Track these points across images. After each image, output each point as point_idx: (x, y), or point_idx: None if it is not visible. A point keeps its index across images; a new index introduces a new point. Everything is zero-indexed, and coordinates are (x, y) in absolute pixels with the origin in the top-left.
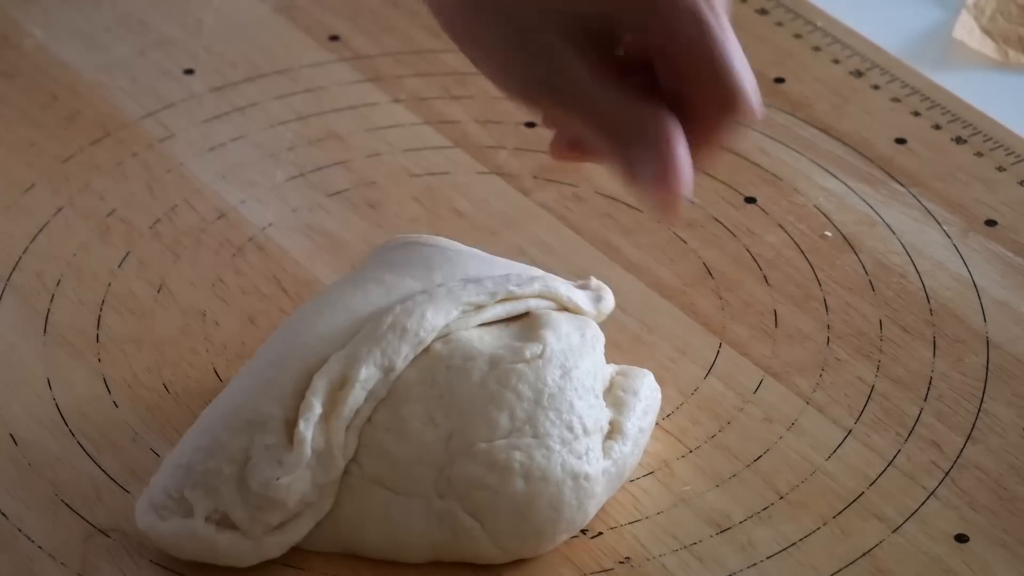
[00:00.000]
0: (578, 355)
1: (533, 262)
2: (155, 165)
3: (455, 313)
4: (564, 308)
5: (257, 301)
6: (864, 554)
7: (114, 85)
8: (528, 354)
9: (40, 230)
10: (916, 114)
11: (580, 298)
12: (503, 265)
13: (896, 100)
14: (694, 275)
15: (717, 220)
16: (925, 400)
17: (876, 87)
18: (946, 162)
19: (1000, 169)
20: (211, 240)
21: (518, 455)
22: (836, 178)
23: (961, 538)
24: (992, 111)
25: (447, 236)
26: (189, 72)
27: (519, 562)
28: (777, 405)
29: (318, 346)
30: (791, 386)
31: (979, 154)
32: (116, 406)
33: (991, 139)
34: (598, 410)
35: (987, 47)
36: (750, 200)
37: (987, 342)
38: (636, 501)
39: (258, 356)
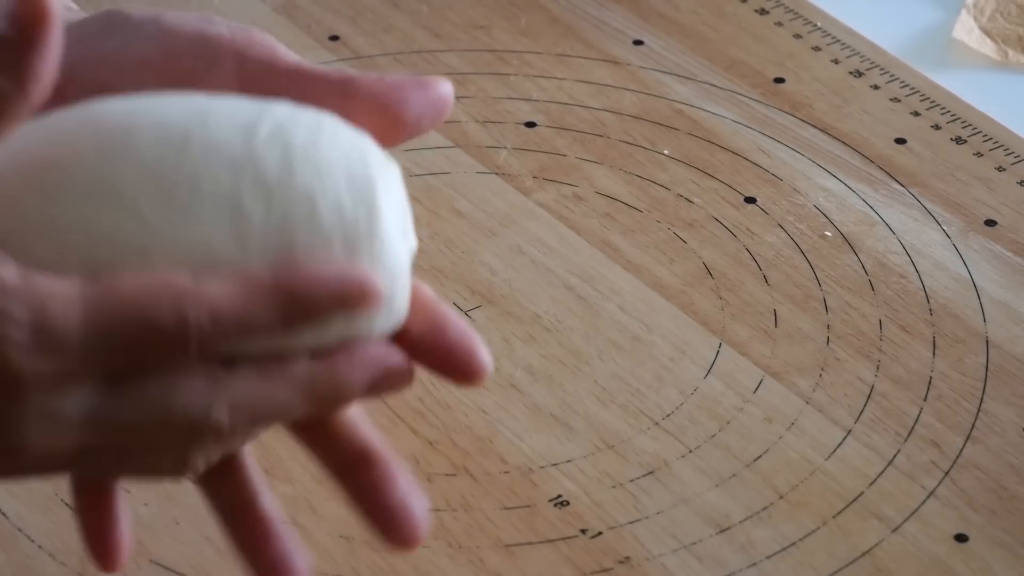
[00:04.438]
0: None
1: (533, 262)
2: None
3: None
4: None
5: None
6: (864, 554)
7: None
8: None
9: None
10: (916, 114)
11: None
12: None
13: (896, 100)
14: (694, 275)
15: (717, 220)
16: (925, 400)
17: (876, 87)
18: (946, 162)
19: (1000, 169)
20: None
21: None
22: (836, 178)
23: (961, 538)
24: (992, 111)
25: (447, 236)
26: None
27: (519, 562)
28: (777, 405)
29: None
30: (791, 386)
31: (979, 154)
32: None
33: (991, 139)
34: None
35: (987, 47)
36: (750, 200)
37: (987, 342)
38: (636, 501)
39: None
